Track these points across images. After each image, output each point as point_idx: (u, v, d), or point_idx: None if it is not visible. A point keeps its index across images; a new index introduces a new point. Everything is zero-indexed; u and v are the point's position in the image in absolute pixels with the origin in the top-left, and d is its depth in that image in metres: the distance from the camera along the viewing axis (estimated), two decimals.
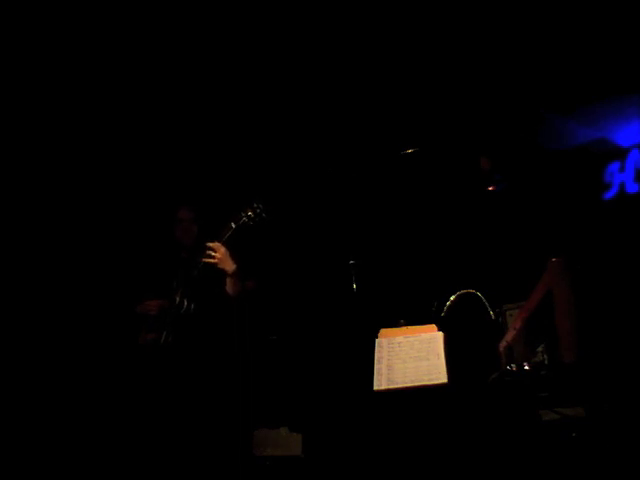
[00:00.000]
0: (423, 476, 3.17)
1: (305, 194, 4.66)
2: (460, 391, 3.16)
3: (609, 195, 4.08)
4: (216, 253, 3.54)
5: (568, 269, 3.24)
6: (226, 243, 3.57)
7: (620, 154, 4.07)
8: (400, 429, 3.26)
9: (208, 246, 3.55)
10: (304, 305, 4.56)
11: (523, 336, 3.25)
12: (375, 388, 3.17)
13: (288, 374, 4.31)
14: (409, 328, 3.33)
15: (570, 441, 2.96)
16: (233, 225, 3.57)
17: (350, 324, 4.00)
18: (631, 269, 3.65)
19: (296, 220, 4.60)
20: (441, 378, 3.08)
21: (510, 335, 3.26)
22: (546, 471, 2.96)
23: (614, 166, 4.09)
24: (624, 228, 3.83)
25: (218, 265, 3.55)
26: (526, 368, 3.13)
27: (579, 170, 4.05)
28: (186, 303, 3.80)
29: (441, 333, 3.24)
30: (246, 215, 3.56)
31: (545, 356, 3.19)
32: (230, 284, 3.62)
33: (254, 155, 4.78)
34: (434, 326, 3.30)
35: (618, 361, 3.17)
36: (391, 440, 3.28)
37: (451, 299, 3.55)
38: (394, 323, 3.45)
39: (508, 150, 3.89)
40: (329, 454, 3.84)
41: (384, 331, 3.34)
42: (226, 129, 4.84)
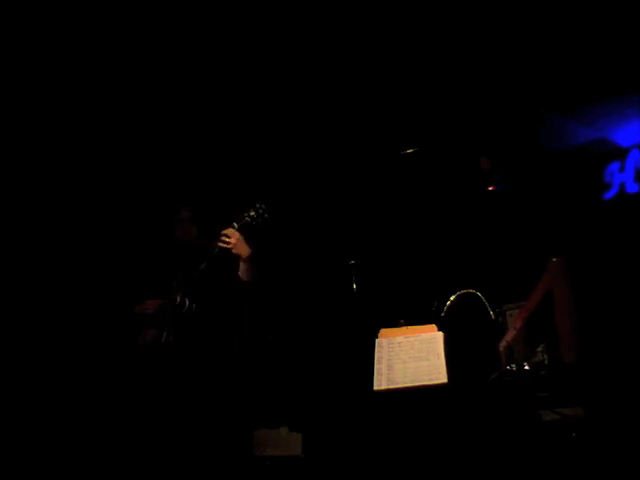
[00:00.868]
0: (423, 476, 3.17)
1: (305, 194, 4.66)
2: (460, 391, 3.16)
3: (609, 195, 4.08)
4: (230, 238, 3.56)
5: (568, 269, 3.24)
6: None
7: (620, 154, 4.07)
8: (400, 429, 3.26)
9: (222, 233, 3.57)
10: (304, 305, 4.56)
11: (523, 336, 3.25)
12: (375, 388, 3.17)
13: (288, 374, 4.32)
14: (409, 328, 3.34)
15: (570, 441, 2.96)
16: (236, 225, 3.59)
17: (350, 324, 4.00)
18: (631, 269, 3.65)
19: (296, 220, 4.60)
20: (441, 378, 3.08)
21: (510, 335, 3.27)
22: (546, 471, 2.96)
23: (614, 166, 4.09)
24: (624, 228, 3.83)
25: (233, 250, 3.57)
26: (526, 368, 3.14)
27: (579, 170, 4.05)
28: (187, 303, 3.80)
29: (441, 333, 3.24)
30: (249, 215, 3.59)
31: (545, 356, 3.19)
32: (244, 269, 3.64)
33: (254, 155, 4.78)
34: (434, 326, 3.30)
35: (618, 361, 3.17)
36: (391, 440, 3.28)
37: (451, 299, 3.55)
38: (394, 323, 3.45)
39: (508, 150, 3.89)
40: (329, 454, 3.84)
41: (384, 331, 3.35)
42: (226, 129, 4.84)
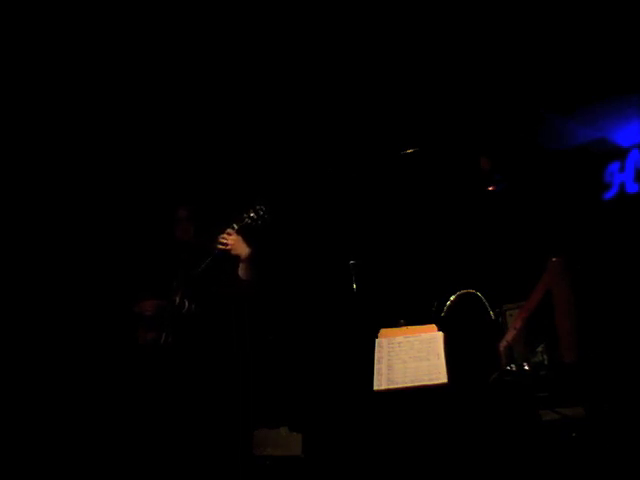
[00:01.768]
0: (423, 476, 3.17)
1: (305, 194, 4.66)
2: (460, 391, 3.16)
3: (609, 195, 4.08)
4: (230, 239, 3.57)
5: (568, 269, 3.24)
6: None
7: (620, 154, 4.07)
8: (400, 429, 3.25)
9: (222, 234, 3.58)
10: (304, 305, 4.55)
11: (523, 336, 3.25)
12: (375, 388, 3.17)
13: (288, 374, 4.32)
14: (409, 328, 3.34)
15: (570, 441, 2.96)
16: (235, 226, 3.60)
17: (350, 324, 4.00)
18: (631, 269, 3.65)
19: (296, 220, 4.60)
20: (441, 378, 3.08)
21: (510, 335, 3.26)
22: (546, 471, 2.96)
23: (614, 166, 4.09)
24: (624, 228, 3.82)
25: (232, 251, 3.59)
26: (526, 368, 3.14)
27: (579, 170, 4.05)
28: (187, 303, 3.80)
29: (441, 333, 3.24)
30: (248, 217, 3.60)
31: (545, 356, 3.19)
32: (243, 269, 3.65)
33: (254, 155, 4.78)
34: (434, 326, 3.30)
35: (618, 361, 3.17)
36: (391, 440, 3.28)
37: (451, 299, 3.55)
38: (394, 323, 3.45)
39: (508, 150, 3.89)
40: (329, 454, 3.84)
41: (384, 331, 3.34)
42: (227, 129, 4.84)
